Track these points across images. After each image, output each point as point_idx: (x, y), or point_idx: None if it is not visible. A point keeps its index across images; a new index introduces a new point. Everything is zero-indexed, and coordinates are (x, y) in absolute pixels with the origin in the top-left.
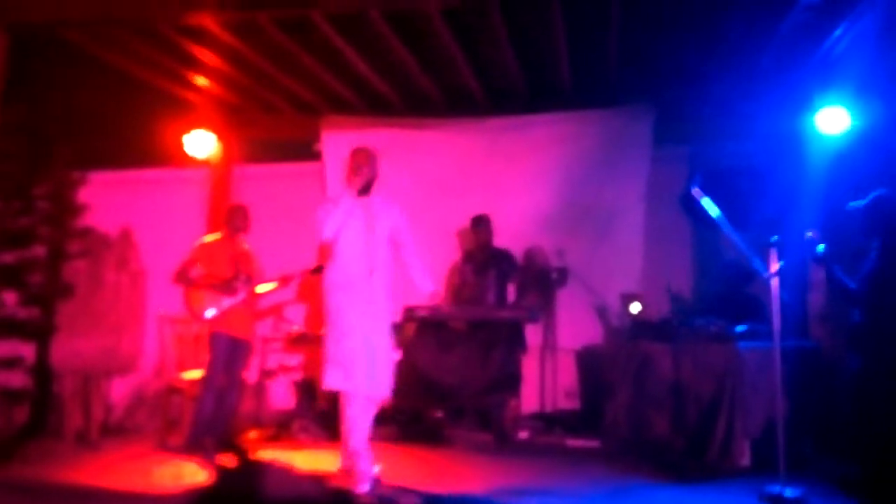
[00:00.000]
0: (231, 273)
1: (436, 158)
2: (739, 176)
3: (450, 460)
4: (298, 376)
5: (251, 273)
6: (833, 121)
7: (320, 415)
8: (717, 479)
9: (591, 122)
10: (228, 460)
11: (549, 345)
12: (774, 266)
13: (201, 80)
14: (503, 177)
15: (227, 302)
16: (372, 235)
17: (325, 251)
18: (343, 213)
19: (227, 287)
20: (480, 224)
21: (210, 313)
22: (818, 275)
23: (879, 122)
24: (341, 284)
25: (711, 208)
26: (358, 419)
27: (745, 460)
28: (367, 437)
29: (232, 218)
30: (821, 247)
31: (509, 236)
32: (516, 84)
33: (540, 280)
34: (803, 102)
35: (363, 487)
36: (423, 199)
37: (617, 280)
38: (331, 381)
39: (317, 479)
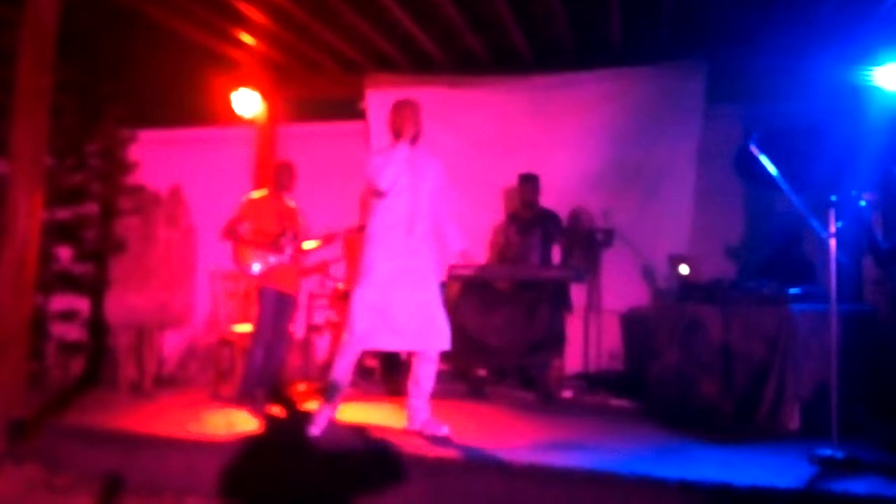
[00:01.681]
0: (277, 230)
1: (481, 117)
2: (796, 135)
3: (493, 417)
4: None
5: (297, 230)
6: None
7: (365, 370)
8: (766, 442)
9: (641, 80)
10: (278, 410)
11: (593, 306)
12: (833, 227)
13: (248, 38)
14: (549, 136)
15: (274, 258)
16: (416, 190)
17: (372, 199)
18: (398, 165)
19: (273, 244)
20: (528, 182)
21: (257, 268)
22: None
23: None
24: (380, 238)
25: (769, 166)
26: (345, 364)
27: (795, 424)
28: (343, 389)
29: (278, 175)
30: (862, 202)
31: (555, 196)
32: (564, 40)
33: (585, 241)
34: (863, 58)
35: (316, 429)
36: (467, 158)
37: (665, 241)
38: (358, 337)
39: (362, 430)
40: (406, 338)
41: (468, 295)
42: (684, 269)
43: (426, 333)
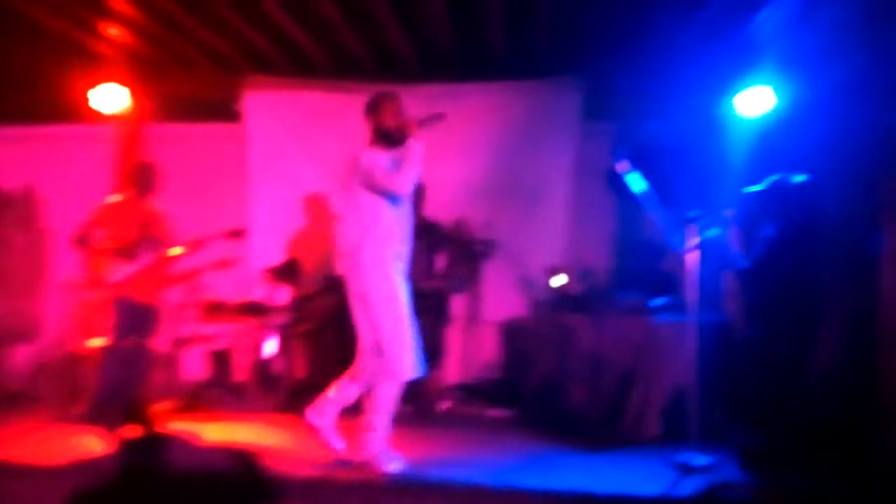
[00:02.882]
0: (136, 236)
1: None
2: (663, 153)
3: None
4: (214, 346)
5: (159, 236)
6: (756, 101)
7: (235, 387)
8: (630, 448)
9: (521, 93)
10: (133, 431)
11: (473, 316)
12: (692, 242)
13: (112, 31)
14: (433, 146)
15: (132, 267)
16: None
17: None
18: (419, 165)
19: (129, 251)
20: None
21: (113, 278)
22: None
23: (801, 103)
24: (393, 249)
25: (635, 183)
26: (395, 400)
27: (657, 430)
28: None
29: (138, 177)
30: (712, 231)
31: (438, 206)
32: (450, 51)
33: (466, 252)
34: (727, 82)
35: (396, 464)
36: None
37: (542, 253)
38: (412, 368)
39: (227, 452)
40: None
41: (344, 306)
42: (559, 280)
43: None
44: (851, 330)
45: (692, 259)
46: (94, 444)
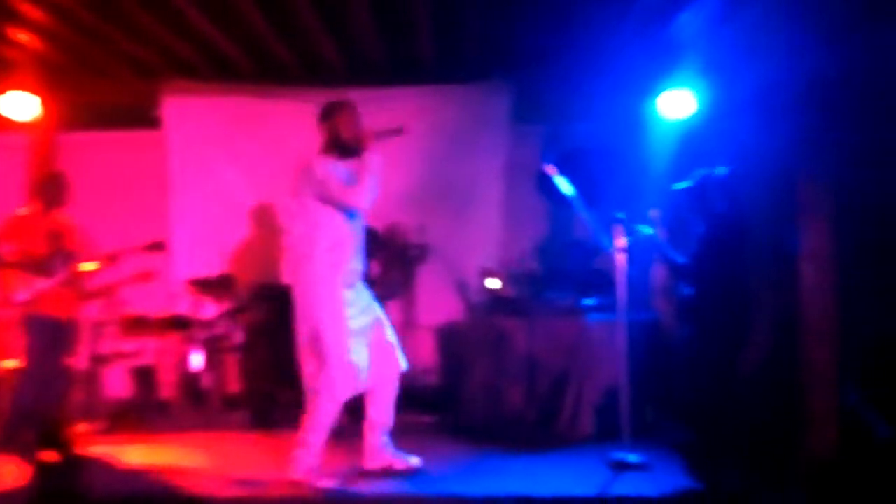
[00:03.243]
0: (47, 250)
1: (292, 130)
2: (590, 155)
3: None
4: (136, 363)
5: (72, 249)
6: (678, 104)
7: (160, 404)
8: (566, 448)
9: (451, 98)
10: (49, 456)
11: (409, 322)
12: (620, 242)
13: (22, 36)
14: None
15: (43, 283)
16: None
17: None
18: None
19: (40, 266)
20: None
21: (23, 296)
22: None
23: (723, 104)
24: (342, 266)
25: (564, 186)
26: (332, 417)
27: (591, 429)
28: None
29: (47, 189)
30: (648, 229)
31: (370, 212)
32: (377, 55)
33: (400, 257)
34: (650, 85)
35: (327, 480)
36: (277, 172)
37: (476, 256)
38: (347, 386)
39: (151, 476)
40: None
41: (275, 317)
42: (494, 283)
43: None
44: (778, 328)
45: (621, 259)
46: (7, 471)
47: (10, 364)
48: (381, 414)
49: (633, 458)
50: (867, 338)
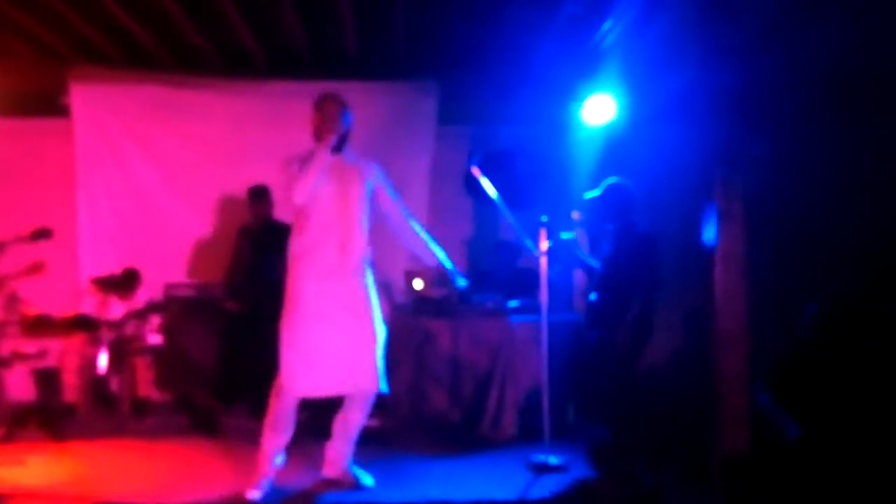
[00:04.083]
0: None
1: (209, 121)
2: (516, 158)
3: (223, 453)
4: (39, 364)
5: None
6: (600, 109)
7: (66, 408)
8: (489, 450)
9: (377, 94)
10: None
11: None
12: (544, 245)
13: None
14: (285, 145)
15: None
16: (346, 203)
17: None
18: (319, 174)
19: None
20: (259, 196)
21: None
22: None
23: (639, 113)
24: (306, 263)
25: (489, 188)
26: (284, 425)
27: (514, 430)
28: (283, 445)
29: None
30: (565, 234)
31: (292, 209)
32: (299, 48)
33: None
34: (574, 90)
35: (254, 493)
36: (194, 166)
37: (401, 257)
38: (293, 383)
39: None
40: (337, 379)
41: (190, 317)
42: (418, 284)
43: (363, 371)
44: (690, 328)
45: (544, 262)
46: None
47: None
48: (344, 425)
49: (552, 459)
50: (777, 339)
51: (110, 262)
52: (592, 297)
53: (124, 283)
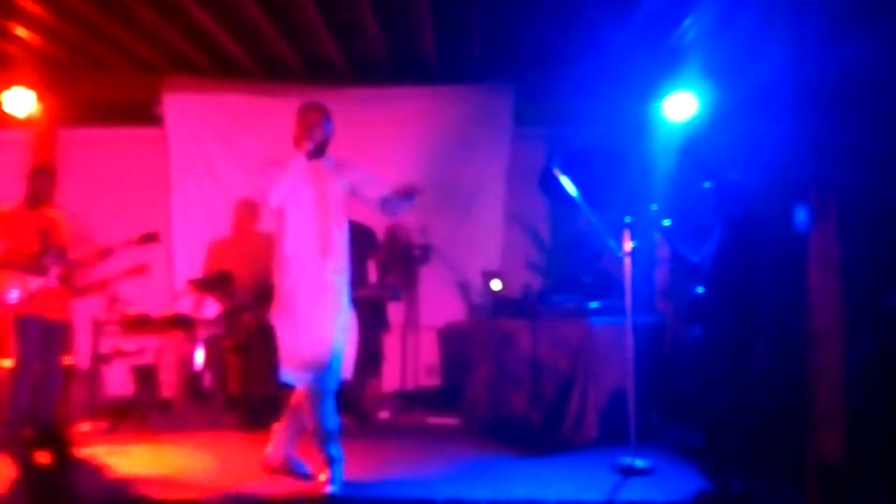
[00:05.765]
0: (37, 247)
1: (292, 128)
2: (595, 157)
3: (307, 445)
4: (138, 361)
5: (62, 246)
6: (681, 106)
7: (162, 403)
8: (571, 451)
9: (453, 98)
10: (47, 458)
11: (411, 322)
12: (628, 246)
13: (21, 31)
14: (364, 150)
15: (35, 281)
16: (325, 206)
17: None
18: (292, 178)
19: (33, 265)
20: None
21: (15, 295)
22: (662, 252)
23: (723, 108)
24: (291, 263)
25: (570, 188)
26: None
27: (596, 432)
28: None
29: (34, 184)
30: (666, 221)
31: (371, 212)
32: (379, 54)
33: (402, 257)
34: (654, 88)
35: (333, 486)
36: None
37: (478, 257)
38: (290, 374)
39: (149, 477)
40: (303, 370)
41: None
42: (496, 285)
43: (322, 366)
44: (785, 330)
45: (628, 262)
46: (4, 471)
47: (5, 363)
48: (295, 414)
49: (639, 462)
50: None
51: (203, 264)
52: (694, 291)
53: (218, 284)
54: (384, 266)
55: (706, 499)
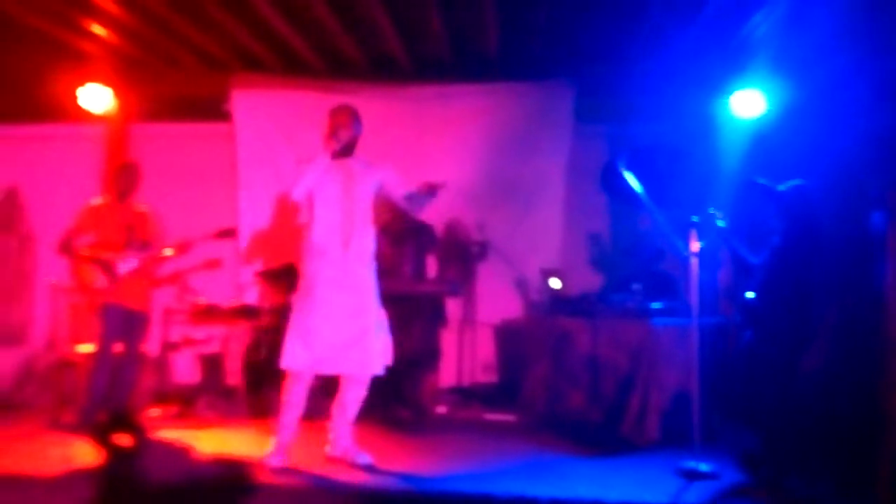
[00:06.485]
0: (123, 239)
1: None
2: (659, 155)
3: (365, 437)
4: (205, 350)
5: (146, 238)
6: (749, 104)
7: (227, 391)
8: (632, 452)
9: (514, 95)
10: (124, 439)
11: (468, 319)
12: (695, 246)
13: (98, 29)
14: (425, 147)
15: (117, 270)
16: (350, 203)
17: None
18: (317, 175)
19: (116, 255)
20: None
21: (99, 283)
22: (726, 253)
23: (792, 106)
24: (315, 253)
25: (636, 185)
26: (296, 397)
27: (657, 434)
28: (298, 416)
29: (121, 178)
30: (721, 222)
31: (430, 208)
32: (442, 51)
33: (460, 254)
34: (721, 85)
35: (275, 460)
36: None
37: (537, 255)
38: (289, 358)
39: (218, 461)
40: (344, 360)
41: None
42: (556, 283)
43: (362, 354)
44: (850, 334)
45: (695, 262)
46: (84, 452)
47: (88, 348)
48: (340, 404)
49: (704, 466)
50: None
51: (268, 255)
52: (748, 293)
53: (284, 275)
54: (442, 262)
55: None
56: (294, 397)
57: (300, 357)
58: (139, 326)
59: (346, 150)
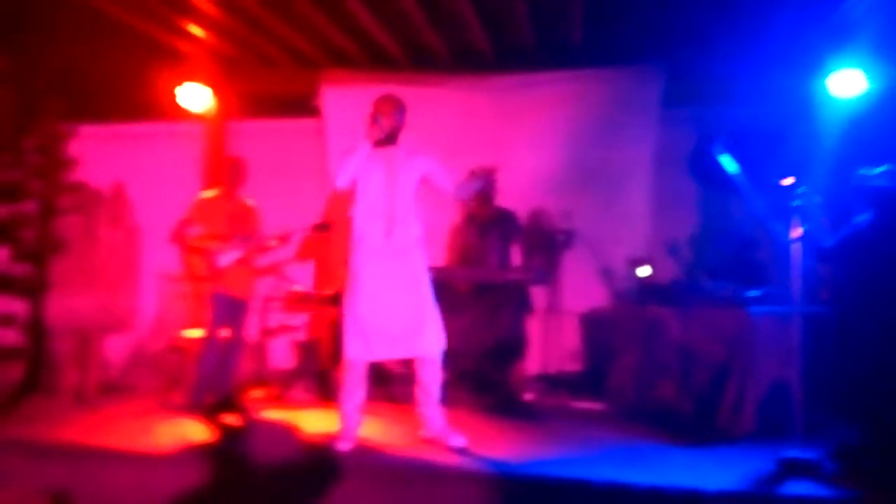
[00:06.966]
0: (229, 231)
1: (441, 116)
2: (753, 139)
3: (456, 423)
4: (300, 336)
5: (250, 230)
6: (848, 84)
7: (321, 375)
8: (727, 443)
9: (600, 82)
10: (231, 419)
11: (553, 307)
12: (797, 232)
13: (197, 30)
14: (509, 136)
15: (224, 260)
16: (393, 190)
17: (338, 200)
18: (359, 163)
19: (224, 246)
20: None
21: (208, 273)
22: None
23: (894, 86)
24: (359, 242)
25: (732, 168)
26: (352, 384)
27: (753, 425)
28: (359, 403)
29: (228, 173)
30: (797, 201)
31: (515, 197)
32: (526, 40)
33: (546, 242)
34: (817, 65)
35: (344, 445)
36: None
37: (623, 243)
38: (352, 350)
39: (316, 441)
40: (400, 345)
41: None
42: (645, 271)
43: (419, 337)
44: None
45: (797, 249)
46: (193, 431)
47: (194, 334)
48: (421, 387)
49: (804, 456)
50: None
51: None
52: (832, 277)
53: None
54: (527, 251)
55: (876, 498)
56: (350, 385)
57: (355, 347)
58: (242, 314)
59: (389, 139)
